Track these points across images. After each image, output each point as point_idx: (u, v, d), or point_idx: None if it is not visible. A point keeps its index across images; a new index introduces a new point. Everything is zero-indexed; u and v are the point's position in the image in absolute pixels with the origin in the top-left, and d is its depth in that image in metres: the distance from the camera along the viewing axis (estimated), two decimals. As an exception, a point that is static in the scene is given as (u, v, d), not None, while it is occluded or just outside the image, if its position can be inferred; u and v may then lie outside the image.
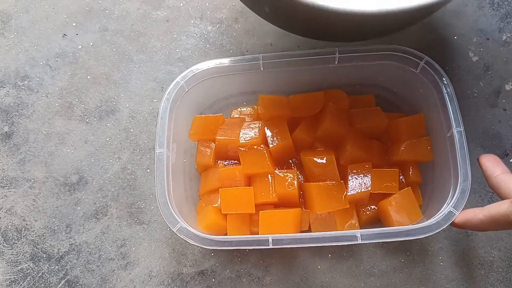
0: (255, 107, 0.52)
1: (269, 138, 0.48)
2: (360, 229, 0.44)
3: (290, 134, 0.48)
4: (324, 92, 0.50)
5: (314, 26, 0.38)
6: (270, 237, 0.41)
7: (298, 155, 0.50)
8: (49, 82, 0.57)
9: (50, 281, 0.51)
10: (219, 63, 0.47)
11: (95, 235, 0.52)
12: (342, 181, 0.46)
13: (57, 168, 0.54)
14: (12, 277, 0.51)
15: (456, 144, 0.41)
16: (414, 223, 0.43)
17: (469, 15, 0.56)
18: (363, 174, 0.46)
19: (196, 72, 0.47)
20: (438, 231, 0.39)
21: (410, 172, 0.48)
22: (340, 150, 0.48)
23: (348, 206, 0.46)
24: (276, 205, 0.47)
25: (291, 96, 0.50)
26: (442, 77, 0.44)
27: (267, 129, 0.48)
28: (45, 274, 0.51)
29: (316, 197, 0.45)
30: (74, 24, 0.59)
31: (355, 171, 0.46)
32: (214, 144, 0.49)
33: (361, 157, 0.47)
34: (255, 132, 0.48)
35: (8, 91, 0.57)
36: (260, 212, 0.44)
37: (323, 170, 0.47)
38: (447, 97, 0.43)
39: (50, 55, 0.58)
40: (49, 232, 0.52)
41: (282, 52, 0.47)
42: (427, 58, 0.45)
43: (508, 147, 0.52)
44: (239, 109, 0.53)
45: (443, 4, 0.34)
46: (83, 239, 0.52)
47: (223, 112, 0.51)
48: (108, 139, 0.55)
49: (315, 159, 0.47)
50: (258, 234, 0.44)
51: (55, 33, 0.59)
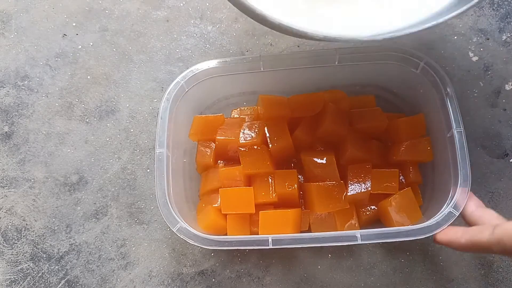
0: (255, 107, 0.52)
1: (269, 138, 0.48)
2: (360, 229, 0.44)
3: (290, 134, 0.48)
4: (324, 92, 0.50)
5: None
6: (270, 237, 0.41)
7: (298, 155, 0.50)
8: (49, 82, 0.57)
9: (50, 281, 0.51)
10: (219, 63, 0.46)
11: (95, 235, 0.52)
12: (342, 181, 0.46)
13: (57, 168, 0.54)
14: (12, 277, 0.51)
15: (456, 144, 0.41)
16: (414, 223, 0.43)
17: (469, 15, 0.56)
18: (363, 175, 0.46)
19: (196, 72, 0.47)
20: (438, 231, 0.39)
21: (410, 172, 0.48)
22: (340, 150, 0.48)
23: (348, 206, 0.46)
24: (276, 205, 0.47)
25: (291, 96, 0.50)
26: (442, 77, 0.44)
27: (267, 129, 0.48)
28: (45, 274, 0.51)
29: (316, 197, 0.45)
30: (74, 24, 0.59)
31: (355, 171, 0.46)
32: (214, 144, 0.49)
33: (361, 157, 0.47)
34: (255, 132, 0.48)
35: (8, 91, 0.57)
36: (260, 212, 0.44)
37: (323, 170, 0.47)
38: (447, 97, 0.43)
39: (50, 55, 0.58)
40: (49, 232, 0.52)
41: (282, 52, 0.47)
42: (427, 58, 0.45)
43: (508, 147, 0.52)
44: (239, 109, 0.53)
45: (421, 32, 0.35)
46: (83, 239, 0.52)
47: (223, 112, 0.51)
48: (108, 139, 0.55)
49: (315, 159, 0.47)
50: (258, 234, 0.44)
51: (55, 33, 0.59)
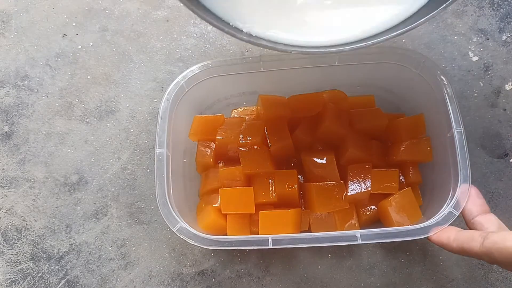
0: (255, 107, 0.52)
1: (269, 138, 0.48)
2: (360, 229, 0.44)
3: (290, 134, 0.48)
4: (324, 92, 0.50)
5: None
6: (270, 237, 0.41)
7: (298, 155, 0.49)
8: (49, 82, 0.57)
9: (50, 281, 0.51)
10: (219, 63, 0.46)
11: (95, 235, 0.52)
12: (342, 181, 0.46)
13: (57, 168, 0.54)
14: (12, 277, 0.51)
15: (456, 144, 0.41)
16: (414, 223, 0.43)
17: (469, 15, 0.56)
18: (363, 175, 0.46)
19: (196, 72, 0.47)
20: (438, 231, 0.39)
21: (410, 172, 0.48)
22: (340, 150, 0.48)
23: (348, 206, 0.46)
24: (276, 205, 0.47)
25: (291, 96, 0.50)
26: (442, 77, 0.44)
27: (267, 129, 0.48)
28: (45, 274, 0.51)
29: (316, 197, 0.45)
30: (74, 24, 0.59)
31: (355, 171, 0.46)
32: (214, 144, 0.49)
33: (361, 157, 0.47)
34: (255, 132, 0.48)
35: (8, 91, 0.57)
36: (260, 212, 0.44)
37: (323, 170, 0.47)
38: (447, 97, 0.43)
39: (50, 55, 0.58)
40: (49, 232, 0.52)
41: (282, 52, 0.47)
42: (427, 58, 0.45)
43: (508, 147, 0.52)
44: (239, 109, 0.53)
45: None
46: (83, 239, 0.52)
47: (223, 112, 0.51)
48: (108, 139, 0.55)
49: (315, 159, 0.47)
50: (258, 234, 0.44)
51: (55, 33, 0.59)
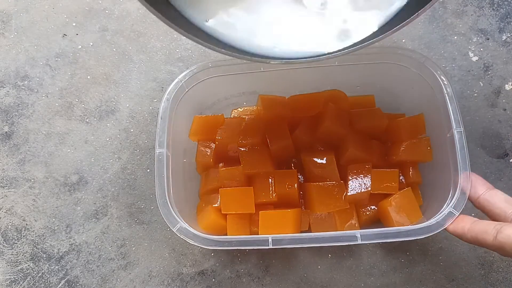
0: (255, 107, 0.52)
1: (269, 138, 0.48)
2: (360, 229, 0.44)
3: (290, 134, 0.48)
4: (324, 92, 0.50)
5: None
6: (270, 237, 0.41)
7: (298, 155, 0.49)
8: (49, 82, 0.57)
9: (50, 281, 0.51)
10: (219, 63, 0.46)
11: (95, 235, 0.52)
12: (342, 181, 0.46)
13: (57, 168, 0.54)
14: (12, 277, 0.51)
15: (456, 144, 0.41)
16: (414, 223, 0.43)
17: (469, 15, 0.56)
18: (363, 175, 0.46)
19: (196, 72, 0.47)
20: (438, 231, 0.39)
21: (410, 172, 0.48)
22: (340, 150, 0.48)
23: (348, 206, 0.46)
24: (276, 205, 0.47)
25: (291, 96, 0.50)
26: (442, 77, 0.44)
27: (267, 129, 0.48)
28: (45, 274, 0.51)
29: (316, 197, 0.45)
30: (74, 24, 0.59)
31: (355, 171, 0.46)
32: (214, 144, 0.49)
33: (361, 157, 0.47)
34: (255, 132, 0.48)
35: (8, 91, 0.57)
36: (260, 212, 0.44)
37: (323, 170, 0.47)
38: (447, 97, 0.43)
39: (50, 55, 0.58)
40: (49, 232, 0.52)
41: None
42: (427, 58, 0.45)
43: (508, 147, 0.52)
44: (239, 109, 0.53)
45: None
46: (83, 239, 0.52)
47: (223, 112, 0.51)
48: (108, 139, 0.55)
49: (315, 159, 0.47)
50: (258, 234, 0.44)
51: (55, 33, 0.59)
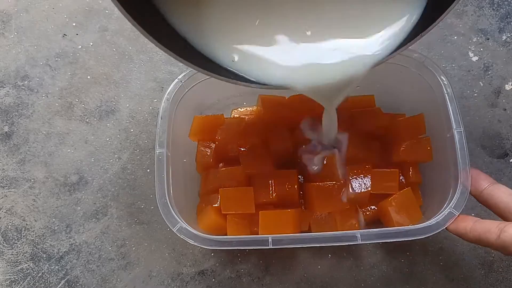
0: (255, 107, 0.52)
1: (269, 138, 0.48)
2: (360, 229, 0.44)
3: (290, 134, 0.48)
4: (324, 92, 0.50)
5: None
6: (270, 237, 0.41)
7: (298, 155, 0.49)
8: (49, 82, 0.57)
9: (50, 281, 0.50)
10: (219, 63, 0.46)
11: (95, 235, 0.52)
12: (342, 181, 0.46)
13: (57, 168, 0.54)
14: (12, 277, 0.51)
15: (456, 145, 0.41)
16: (414, 223, 0.43)
17: (469, 15, 0.56)
18: (363, 175, 0.46)
19: (196, 72, 0.46)
20: (438, 231, 0.39)
21: (410, 173, 0.48)
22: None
23: (348, 207, 0.46)
24: (276, 205, 0.47)
25: (291, 96, 0.50)
26: (442, 77, 0.44)
27: (267, 129, 0.48)
28: (45, 274, 0.51)
29: (316, 197, 0.45)
30: (74, 24, 0.59)
31: (355, 171, 0.46)
32: (214, 144, 0.49)
33: (361, 157, 0.47)
34: (255, 132, 0.48)
35: (8, 91, 0.57)
36: (260, 212, 0.44)
37: (323, 170, 0.47)
38: (447, 97, 0.43)
39: (50, 55, 0.58)
40: (49, 232, 0.52)
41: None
42: (427, 58, 0.45)
43: (508, 147, 0.52)
44: (239, 109, 0.53)
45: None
46: (83, 239, 0.52)
47: (223, 112, 0.51)
48: (108, 139, 0.55)
49: (315, 159, 0.47)
50: (258, 234, 0.44)
51: (55, 33, 0.59)
